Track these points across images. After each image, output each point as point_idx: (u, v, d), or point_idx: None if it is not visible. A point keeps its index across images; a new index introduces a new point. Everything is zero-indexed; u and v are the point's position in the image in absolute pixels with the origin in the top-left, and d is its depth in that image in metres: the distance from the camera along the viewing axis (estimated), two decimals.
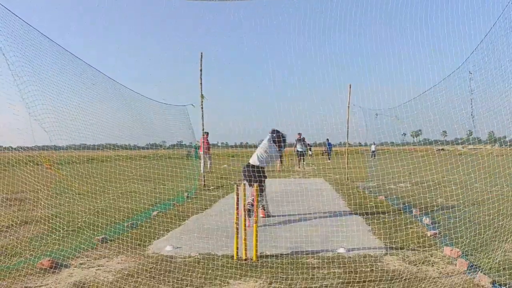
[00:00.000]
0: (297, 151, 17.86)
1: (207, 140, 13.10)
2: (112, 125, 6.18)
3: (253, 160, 6.03)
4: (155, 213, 6.58)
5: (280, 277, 3.48)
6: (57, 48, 5.08)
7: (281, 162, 6.48)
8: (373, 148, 18.07)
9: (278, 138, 6.08)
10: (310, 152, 27.10)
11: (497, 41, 3.75)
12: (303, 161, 18.52)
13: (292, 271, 3.63)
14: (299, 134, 17.17)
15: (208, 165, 13.75)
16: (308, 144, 18.22)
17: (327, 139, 20.07)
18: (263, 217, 6.20)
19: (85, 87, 5.82)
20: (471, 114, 4.11)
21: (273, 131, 6.14)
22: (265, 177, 6.09)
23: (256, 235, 4.12)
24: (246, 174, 5.89)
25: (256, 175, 5.66)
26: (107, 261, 4.05)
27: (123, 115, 6.97)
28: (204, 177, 10.72)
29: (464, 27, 3.72)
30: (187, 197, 8.52)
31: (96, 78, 6.10)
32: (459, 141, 5.04)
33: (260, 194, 5.90)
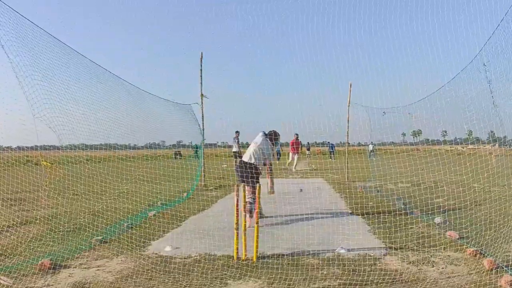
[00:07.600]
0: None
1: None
2: (113, 125, 6.15)
3: (248, 157, 5.75)
4: (154, 213, 6.57)
5: (280, 278, 3.47)
6: (62, 45, 5.00)
7: (277, 159, 6.20)
8: (370, 147, 17.69)
9: (274, 135, 5.99)
10: (307, 152, 27.01)
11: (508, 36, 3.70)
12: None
13: (292, 272, 3.62)
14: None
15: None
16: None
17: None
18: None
19: (90, 85, 5.79)
20: (493, 104, 3.93)
21: (270, 132, 6.08)
22: (259, 175, 5.80)
23: (257, 235, 4.11)
24: (240, 173, 5.60)
25: (250, 173, 5.42)
26: (106, 262, 4.04)
27: (127, 113, 6.92)
28: (203, 177, 10.71)
29: (477, 23, 3.67)
30: (187, 196, 8.52)
31: (103, 76, 6.07)
32: (458, 140, 5.03)
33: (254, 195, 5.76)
